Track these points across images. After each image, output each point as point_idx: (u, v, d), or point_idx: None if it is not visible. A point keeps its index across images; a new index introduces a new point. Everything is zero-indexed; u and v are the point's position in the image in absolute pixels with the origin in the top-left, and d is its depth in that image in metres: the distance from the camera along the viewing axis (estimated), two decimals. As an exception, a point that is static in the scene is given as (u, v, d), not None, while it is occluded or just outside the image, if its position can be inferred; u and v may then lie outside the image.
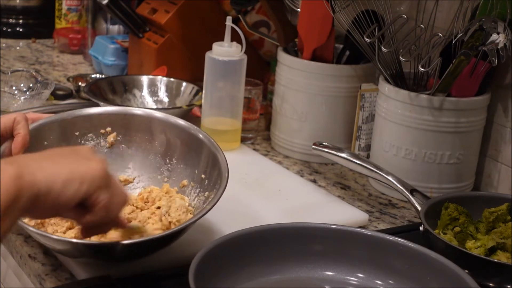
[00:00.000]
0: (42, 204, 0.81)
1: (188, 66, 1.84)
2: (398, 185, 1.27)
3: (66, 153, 0.89)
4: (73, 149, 0.91)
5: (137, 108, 1.27)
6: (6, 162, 0.78)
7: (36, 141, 1.14)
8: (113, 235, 1.04)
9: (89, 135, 1.21)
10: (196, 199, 1.16)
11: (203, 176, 1.16)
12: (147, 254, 1.07)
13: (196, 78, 1.73)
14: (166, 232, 1.05)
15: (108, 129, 1.21)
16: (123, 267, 1.08)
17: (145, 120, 1.21)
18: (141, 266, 1.08)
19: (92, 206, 0.88)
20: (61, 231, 1.09)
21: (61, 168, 0.83)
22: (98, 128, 1.21)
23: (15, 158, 0.84)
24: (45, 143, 1.17)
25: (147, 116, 1.22)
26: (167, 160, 1.21)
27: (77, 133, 1.20)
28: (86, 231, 0.95)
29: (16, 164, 0.79)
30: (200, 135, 1.19)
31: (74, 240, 1.03)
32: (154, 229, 1.09)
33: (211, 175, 1.14)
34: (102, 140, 1.22)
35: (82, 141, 1.20)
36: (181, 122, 1.21)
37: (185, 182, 1.19)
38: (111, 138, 1.22)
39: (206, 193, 1.14)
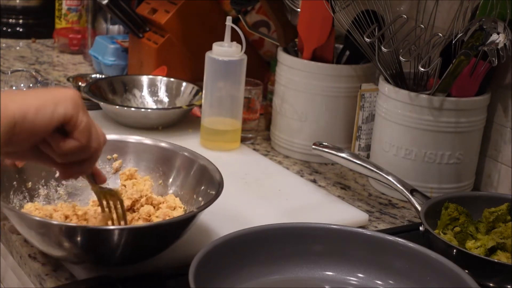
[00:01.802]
0: (19, 133, 0.83)
1: (188, 66, 1.84)
2: (398, 185, 1.27)
3: (38, 89, 0.92)
4: (46, 88, 0.92)
5: (132, 137, 1.28)
6: None
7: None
8: (91, 220, 1.03)
9: None
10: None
11: (200, 199, 1.17)
12: (147, 257, 1.07)
13: (196, 78, 1.73)
14: (169, 220, 1.06)
15: (115, 155, 1.24)
16: (124, 267, 1.08)
17: (138, 147, 1.25)
18: (141, 267, 1.08)
19: (73, 130, 0.88)
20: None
21: (33, 98, 0.85)
22: (104, 153, 1.21)
23: None
24: None
25: (139, 143, 1.25)
26: (169, 188, 1.23)
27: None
28: (66, 170, 0.93)
29: None
30: (187, 154, 1.21)
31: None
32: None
33: (206, 190, 1.16)
34: (107, 166, 1.24)
35: None
36: (169, 145, 1.23)
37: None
38: (116, 164, 1.24)
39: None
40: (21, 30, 2.40)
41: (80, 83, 1.84)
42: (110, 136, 1.23)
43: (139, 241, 1.04)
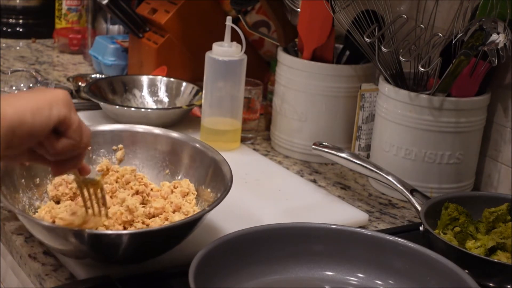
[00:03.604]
0: (19, 136, 0.86)
1: (188, 66, 1.84)
2: (398, 185, 1.27)
3: (28, 91, 0.94)
4: (34, 88, 0.97)
5: (141, 126, 1.28)
6: None
7: None
8: (69, 220, 1.04)
9: (101, 150, 1.25)
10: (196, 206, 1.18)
11: (208, 190, 1.18)
12: (152, 257, 1.07)
13: (196, 78, 1.73)
14: (170, 224, 1.06)
15: (120, 146, 1.25)
16: (123, 267, 1.08)
17: (149, 137, 1.25)
18: (141, 266, 1.08)
19: (66, 129, 0.91)
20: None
21: (27, 101, 0.88)
22: (110, 144, 1.25)
23: None
24: None
25: (150, 133, 1.25)
26: (176, 178, 1.22)
27: (89, 148, 1.21)
28: (59, 167, 0.96)
29: None
30: (200, 146, 1.21)
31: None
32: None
33: (215, 188, 1.16)
34: (113, 156, 1.25)
35: (94, 156, 1.24)
36: (183, 136, 1.24)
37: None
38: (119, 154, 1.25)
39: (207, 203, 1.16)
40: (21, 30, 2.40)
41: (80, 83, 1.84)
42: (117, 126, 1.26)
43: (146, 244, 1.05)
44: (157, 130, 1.26)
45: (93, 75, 1.91)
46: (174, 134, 1.25)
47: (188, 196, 1.18)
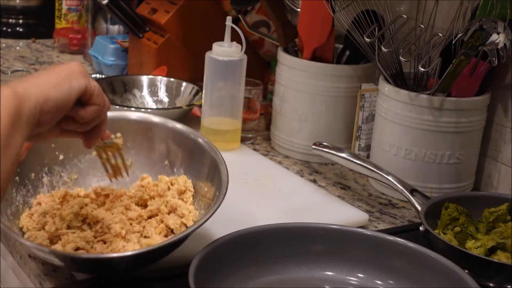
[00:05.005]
0: (47, 111, 0.89)
1: (188, 66, 1.83)
2: (398, 185, 1.27)
3: (45, 70, 0.95)
4: (49, 66, 0.99)
5: (136, 113, 1.26)
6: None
7: (44, 143, 1.16)
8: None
9: None
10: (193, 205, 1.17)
11: (201, 184, 1.17)
12: (146, 265, 1.07)
13: (196, 78, 1.73)
14: (165, 242, 1.05)
15: (118, 134, 1.21)
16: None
17: (144, 125, 1.23)
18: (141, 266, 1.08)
19: (89, 98, 0.96)
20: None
21: (47, 79, 0.92)
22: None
23: (7, 83, 0.89)
24: (52, 145, 1.19)
25: (145, 121, 1.23)
26: (175, 170, 1.21)
27: None
28: (89, 138, 1.02)
29: (9, 87, 0.85)
30: (202, 142, 1.19)
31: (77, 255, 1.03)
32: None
33: (212, 185, 1.15)
34: None
35: None
36: (183, 127, 1.22)
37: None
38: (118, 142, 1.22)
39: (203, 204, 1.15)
40: (21, 30, 2.40)
41: (80, 83, 1.83)
42: (115, 113, 1.24)
43: (138, 262, 1.05)
44: (156, 119, 1.23)
45: (93, 75, 1.92)
46: (178, 125, 1.22)
47: (185, 194, 1.17)
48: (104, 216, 1.11)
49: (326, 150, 1.36)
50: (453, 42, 1.34)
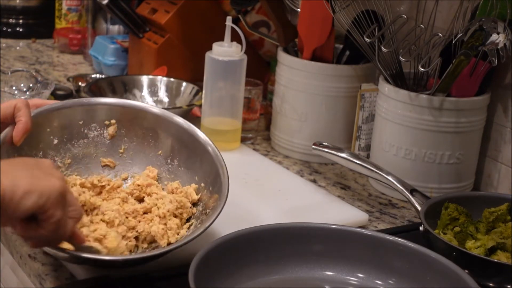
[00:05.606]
0: (4, 209, 0.84)
1: (188, 66, 1.84)
2: (398, 185, 1.27)
3: (29, 164, 0.91)
4: (36, 161, 0.93)
5: (148, 105, 1.25)
6: None
7: (39, 127, 1.13)
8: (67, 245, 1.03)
9: (93, 124, 1.20)
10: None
11: (202, 184, 1.16)
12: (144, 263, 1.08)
13: (196, 78, 1.73)
14: (157, 251, 1.05)
15: (113, 121, 1.21)
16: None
17: (152, 118, 1.21)
18: (141, 267, 1.08)
19: (43, 221, 0.89)
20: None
21: (24, 177, 0.86)
22: (103, 118, 1.21)
23: None
24: (48, 129, 1.16)
25: (155, 114, 1.21)
26: (168, 161, 1.21)
27: (81, 122, 1.19)
28: (35, 242, 0.95)
29: None
30: (206, 145, 1.19)
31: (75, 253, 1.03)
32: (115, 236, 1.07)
33: (211, 185, 1.14)
34: (105, 131, 1.21)
35: (86, 130, 1.20)
36: (189, 125, 1.21)
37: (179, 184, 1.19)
38: (111, 129, 1.21)
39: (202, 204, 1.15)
40: (21, 30, 2.40)
41: (80, 83, 1.84)
42: (112, 100, 1.23)
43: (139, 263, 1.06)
44: (155, 110, 1.22)
45: (93, 75, 1.91)
46: (178, 119, 1.21)
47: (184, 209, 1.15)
48: (102, 204, 1.11)
49: (326, 150, 1.36)
50: (453, 42, 1.34)
